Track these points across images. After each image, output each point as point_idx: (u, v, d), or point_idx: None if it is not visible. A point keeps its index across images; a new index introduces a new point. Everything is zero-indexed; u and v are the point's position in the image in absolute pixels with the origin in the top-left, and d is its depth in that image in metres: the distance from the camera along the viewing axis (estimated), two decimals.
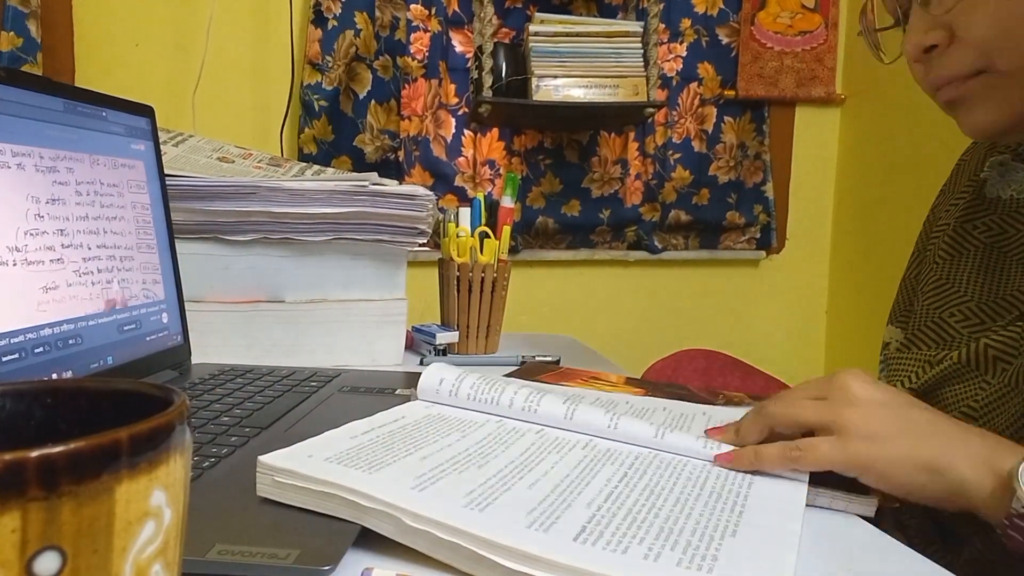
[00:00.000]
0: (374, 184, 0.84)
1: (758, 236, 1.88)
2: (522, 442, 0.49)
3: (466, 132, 1.75)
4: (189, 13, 1.62)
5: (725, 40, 1.83)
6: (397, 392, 0.68)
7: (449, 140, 1.74)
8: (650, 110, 1.64)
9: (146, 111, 0.73)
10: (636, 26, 1.63)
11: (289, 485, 0.40)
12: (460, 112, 1.74)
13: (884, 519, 0.45)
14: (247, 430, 0.54)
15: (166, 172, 0.75)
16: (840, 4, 1.86)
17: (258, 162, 0.92)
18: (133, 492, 0.20)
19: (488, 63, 1.59)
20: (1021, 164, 0.63)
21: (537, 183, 1.79)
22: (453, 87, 1.73)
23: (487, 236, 0.94)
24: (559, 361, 0.87)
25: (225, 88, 1.64)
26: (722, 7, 1.82)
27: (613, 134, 1.81)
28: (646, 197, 1.83)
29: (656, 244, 1.84)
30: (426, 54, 1.70)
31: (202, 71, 1.56)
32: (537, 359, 0.88)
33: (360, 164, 1.66)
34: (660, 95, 1.77)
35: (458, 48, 1.73)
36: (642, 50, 1.62)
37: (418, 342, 0.96)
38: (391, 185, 0.86)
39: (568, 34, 1.60)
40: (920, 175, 1.62)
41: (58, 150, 0.59)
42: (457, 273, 0.93)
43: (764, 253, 1.90)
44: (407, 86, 1.69)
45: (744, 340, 1.88)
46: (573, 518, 0.37)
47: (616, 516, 0.38)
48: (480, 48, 1.64)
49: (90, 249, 0.62)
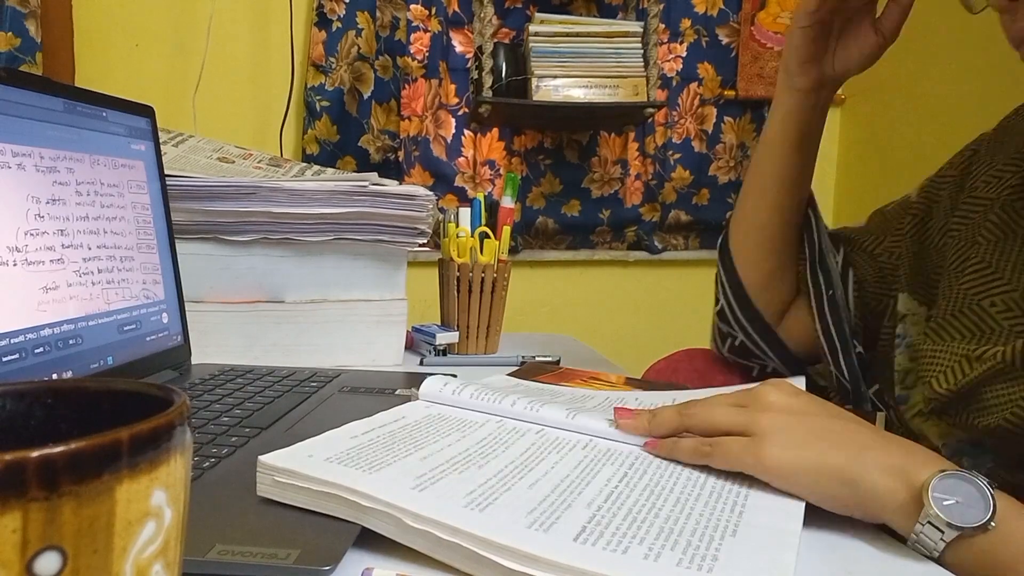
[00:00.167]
0: (374, 184, 0.84)
1: None
2: (522, 442, 0.49)
3: (466, 132, 1.75)
4: (189, 13, 1.62)
5: (725, 40, 1.83)
6: (397, 392, 0.68)
7: (449, 140, 1.74)
8: (650, 110, 1.64)
9: (146, 111, 0.73)
10: (636, 26, 1.63)
11: (289, 485, 0.40)
12: (460, 112, 1.74)
13: None
14: (247, 430, 0.54)
15: (166, 172, 0.75)
16: None
17: (258, 162, 0.92)
18: (133, 492, 0.20)
19: (488, 63, 1.59)
20: None
21: (537, 183, 1.79)
22: (453, 87, 1.73)
23: (487, 236, 0.94)
24: (559, 361, 0.87)
25: (225, 88, 1.64)
26: (722, 7, 1.82)
27: (613, 134, 1.81)
28: (646, 197, 1.83)
29: (656, 244, 1.84)
30: (426, 54, 1.70)
31: (202, 71, 1.56)
32: (537, 359, 0.88)
33: (365, 164, 1.66)
34: (660, 95, 1.77)
35: (458, 48, 1.73)
36: (642, 50, 1.62)
37: (418, 342, 0.96)
38: (391, 185, 0.86)
39: (568, 34, 1.60)
40: (920, 175, 1.62)
41: (58, 150, 0.59)
42: (457, 273, 0.93)
43: None
44: (407, 86, 1.69)
45: None
46: (573, 518, 0.37)
47: (616, 516, 0.38)
48: (480, 48, 1.64)
49: (90, 249, 0.62)
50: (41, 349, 0.55)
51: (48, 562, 0.18)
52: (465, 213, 0.95)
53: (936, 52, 1.60)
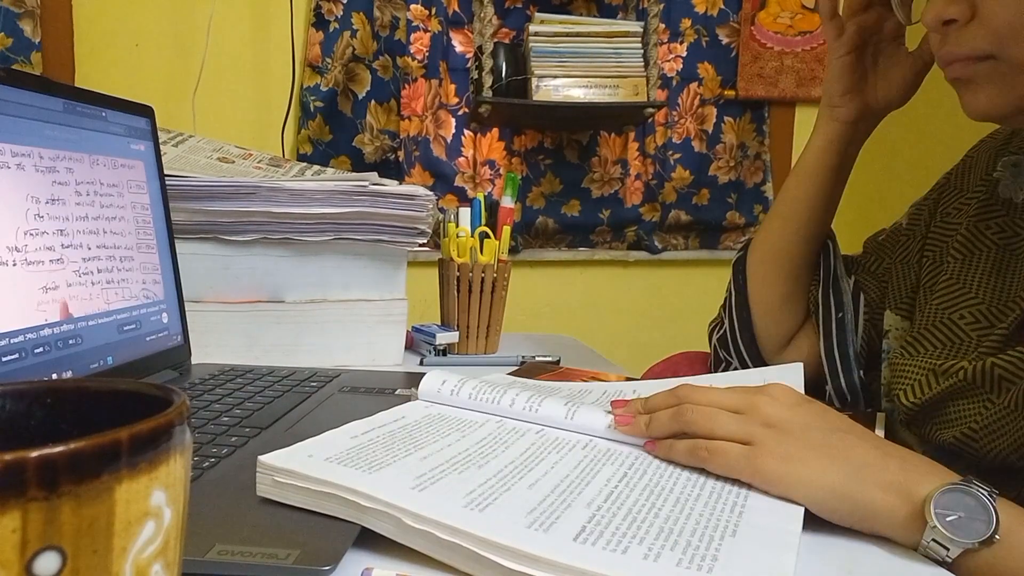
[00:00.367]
0: (374, 184, 0.84)
1: None
2: (522, 442, 0.49)
3: (466, 132, 1.75)
4: (189, 13, 1.62)
5: (725, 40, 1.83)
6: (397, 392, 0.68)
7: (449, 140, 1.74)
8: (650, 110, 1.64)
9: (146, 111, 0.73)
10: (636, 26, 1.63)
11: (289, 485, 0.40)
12: (460, 112, 1.74)
13: None
14: (247, 430, 0.54)
15: (166, 172, 0.75)
16: (840, 4, 1.85)
17: (258, 162, 0.93)
18: (133, 492, 0.20)
19: (488, 63, 1.59)
20: None
21: (537, 183, 1.79)
22: (453, 87, 1.73)
23: (487, 236, 0.94)
24: (559, 361, 0.87)
25: (225, 88, 1.64)
26: (722, 7, 1.82)
27: (613, 134, 1.81)
28: (646, 197, 1.83)
29: (656, 244, 1.84)
30: (426, 54, 1.70)
31: (202, 71, 1.56)
32: (537, 359, 0.88)
33: (360, 164, 1.66)
34: (660, 95, 1.77)
35: (458, 48, 1.73)
36: (642, 50, 1.62)
37: (418, 342, 0.96)
38: (391, 185, 0.86)
39: (568, 34, 1.60)
40: (919, 175, 1.62)
41: (58, 150, 0.59)
42: (457, 273, 0.93)
43: None
44: (407, 86, 1.69)
45: None
46: (573, 518, 0.37)
47: (616, 516, 0.38)
48: (480, 48, 1.64)
49: (90, 249, 0.62)
50: (41, 349, 0.55)
51: (48, 562, 0.18)
52: (465, 213, 0.95)
53: None
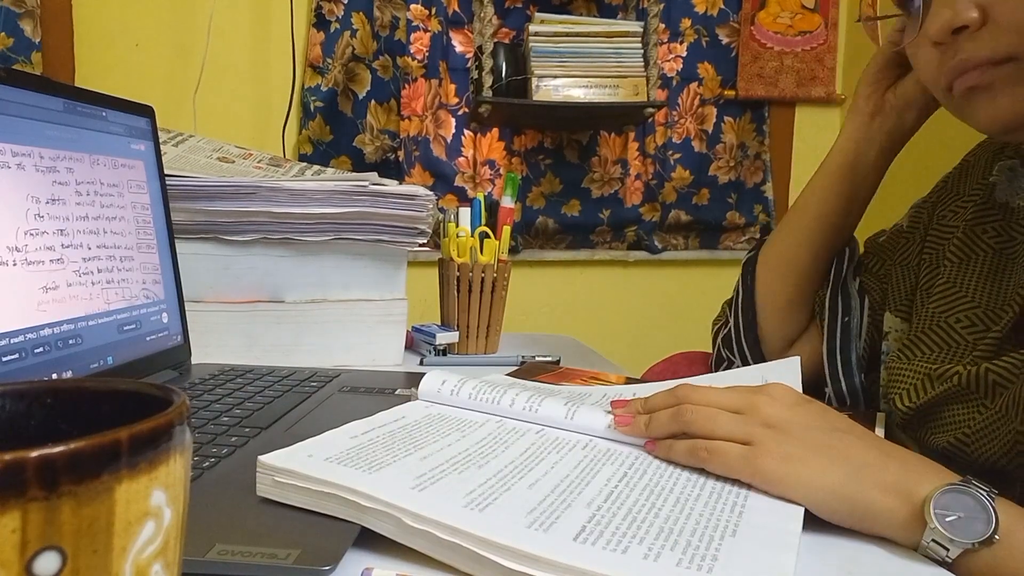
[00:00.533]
0: (374, 184, 0.84)
1: (758, 236, 1.88)
2: (522, 442, 0.49)
3: (466, 132, 1.75)
4: (189, 13, 1.62)
5: (725, 40, 1.83)
6: (397, 392, 0.68)
7: (449, 140, 1.74)
8: (650, 110, 1.64)
9: (146, 111, 0.73)
10: (636, 26, 1.63)
11: (289, 485, 0.40)
12: (460, 112, 1.74)
13: None
14: (247, 430, 0.54)
15: (166, 172, 0.75)
16: (840, 4, 1.86)
17: (258, 162, 0.92)
18: (133, 492, 0.20)
19: (488, 63, 1.59)
20: None
21: (537, 183, 1.79)
22: (453, 87, 1.73)
23: (487, 236, 0.94)
24: (559, 361, 0.87)
25: (225, 88, 1.64)
26: (722, 7, 1.82)
27: (613, 134, 1.81)
28: (646, 197, 1.83)
29: (656, 244, 1.84)
30: (426, 54, 1.70)
31: (202, 71, 1.56)
32: (537, 359, 0.88)
33: (360, 164, 1.66)
34: (660, 95, 1.77)
35: (458, 48, 1.73)
36: (642, 50, 1.62)
37: (418, 342, 0.96)
38: (391, 185, 0.86)
39: (568, 34, 1.60)
40: (919, 175, 1.62)
41: (58, 150, 0.59)
42: (457, 273, 0.93)
43: None
44: (407, 86, 1.69)
45: None
46: (573, 518, 0.37)
47: (616, 516, 0.38)
48: (480, 48, 1.64)
49: (90, 249, 0.62)
50: (41, 349, 0.55)
51: (47, 562, 0.18)
52: (465, 213, 0.95)
53: None
